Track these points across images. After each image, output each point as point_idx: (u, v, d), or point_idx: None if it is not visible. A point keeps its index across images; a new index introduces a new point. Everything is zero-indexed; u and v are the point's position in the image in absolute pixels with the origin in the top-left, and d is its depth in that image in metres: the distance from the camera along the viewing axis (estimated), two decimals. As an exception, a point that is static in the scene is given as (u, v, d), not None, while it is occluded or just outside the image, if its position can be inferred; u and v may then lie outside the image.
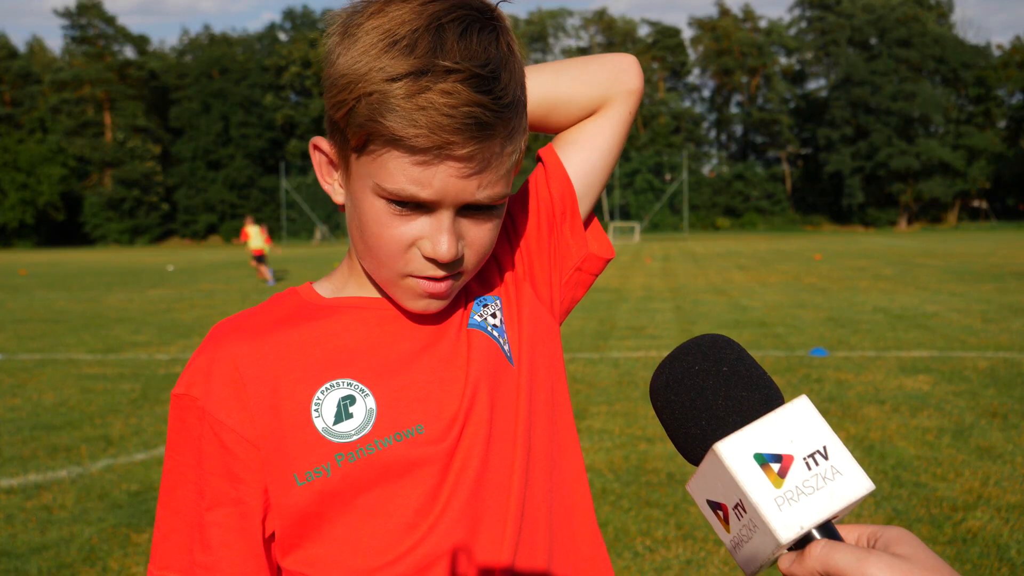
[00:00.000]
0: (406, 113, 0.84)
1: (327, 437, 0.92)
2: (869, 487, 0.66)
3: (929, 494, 4.72)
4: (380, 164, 0.88)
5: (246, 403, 0.93)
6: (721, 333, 0.79)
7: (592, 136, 1.15)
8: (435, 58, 0.84)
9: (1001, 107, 68.92)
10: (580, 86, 1.13)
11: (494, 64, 0.87)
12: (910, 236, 51.60)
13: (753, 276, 20.61)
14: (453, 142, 0.85)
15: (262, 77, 69.91)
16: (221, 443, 0.93)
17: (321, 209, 64.63)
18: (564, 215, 1.12)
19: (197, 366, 0.96)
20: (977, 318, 11.77)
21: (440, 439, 0.94)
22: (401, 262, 0.93)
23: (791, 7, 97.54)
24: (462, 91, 0.84)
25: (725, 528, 0.68)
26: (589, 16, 79.83)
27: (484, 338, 1.01)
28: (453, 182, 0.88)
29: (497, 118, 0.87)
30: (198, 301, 17.20)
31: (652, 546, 4.11)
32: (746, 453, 0.66)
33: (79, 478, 5.37)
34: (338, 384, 0.95)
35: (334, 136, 0.94)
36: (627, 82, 1.15)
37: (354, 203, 0.94)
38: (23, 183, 63.37)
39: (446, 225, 0.90)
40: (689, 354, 0.74)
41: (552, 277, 1.11)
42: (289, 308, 1.02)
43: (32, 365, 9.68)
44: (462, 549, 0.93)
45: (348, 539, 0.93)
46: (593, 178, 1.15)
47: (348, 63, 0.88)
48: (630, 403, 7.02)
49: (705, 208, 71.06)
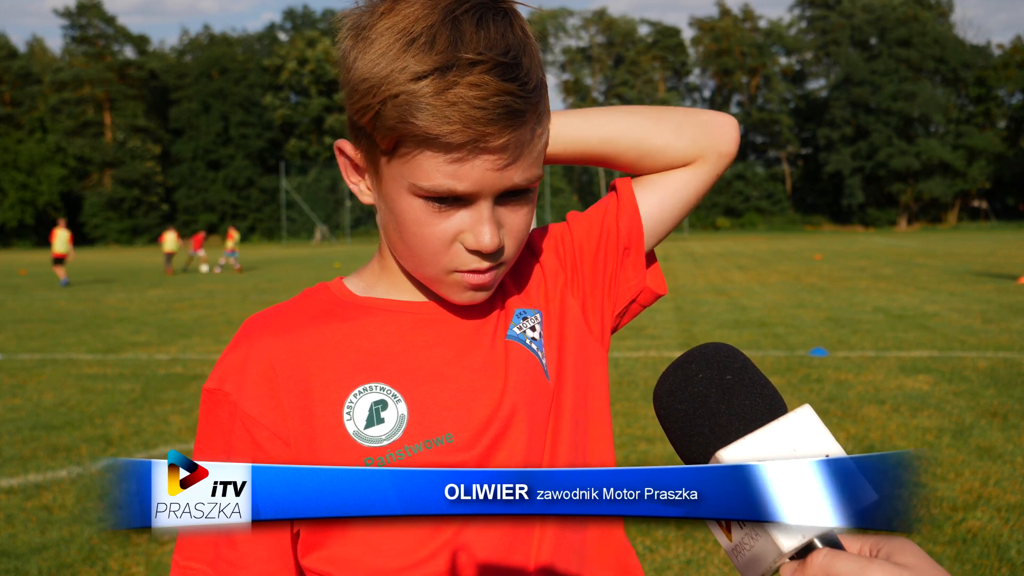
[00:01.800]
0: (437, 110, 0.84)
1: (358, 440, 0.92)
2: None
3: (929, 494, 4.72)
4: (415, 164, 0.88)
5: (280, 401, 0.93)
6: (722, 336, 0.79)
7: (674, 185, 1.14)
8: (457, 51, 0.84)
9: (1001, 107, 68.86)
10: (678, 140, 1.12)
11: (515, 50, 0.87)
12: (910, 236, 51.60)
13: (753, 276, 20.61)
14: (488, 133, 0.85)
15: (261, 77, 69.89)
16: (252, 439, 0.93)
17: (321, 209, 64.63)
18: (628, 249, 1.11)
19: (230, 361, 0.96)
20: (977, 318, 11.77)
21: (469, 446, 0.94)
22: (445, 259, 0.93)
23: (791, 7, 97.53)
24: (490, 81, 0.84)
25: (727, 536, 0.68)
26: (589, 16, 79.73)
27: (523, 351, 1.01)
28: (490, 173, 0.88)
29: (526, 104, 0.87)
30: (198, 301, 17.20)
31: (652, 546, 4.11)
32: (749, 461, 0.66)
33: (79, 478, 5.38)
34: (371, 388, 0.95)
35: (359, 141, 0.93)
36: (724, 145, 1.14)
37: (389, 206, 0.93)
38: (23, 183, 63.33)
39: (486, 216, 0.90)
40: (693, 362, 0.75)
41: (605, 305, 1.11)
42: (322, 305, 1.01)
43: (32, 365, 9.68)
44: (489, 556, 0.93)
45: (371, 539, 0.93)
46: (662, 223, 1.14)
47: (367, 66, 0.87)
48: (630, 403, 7.02)
49: (705, 208, 70.96)
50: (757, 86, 75.96)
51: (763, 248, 37.60)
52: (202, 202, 68.23)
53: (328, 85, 69.93)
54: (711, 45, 75.67)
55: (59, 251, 21.90)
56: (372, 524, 0.92)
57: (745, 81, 75.75)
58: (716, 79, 76.98)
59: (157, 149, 69.28)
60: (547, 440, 0.99)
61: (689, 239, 53.08)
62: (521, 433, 0.96)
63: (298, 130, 70.85)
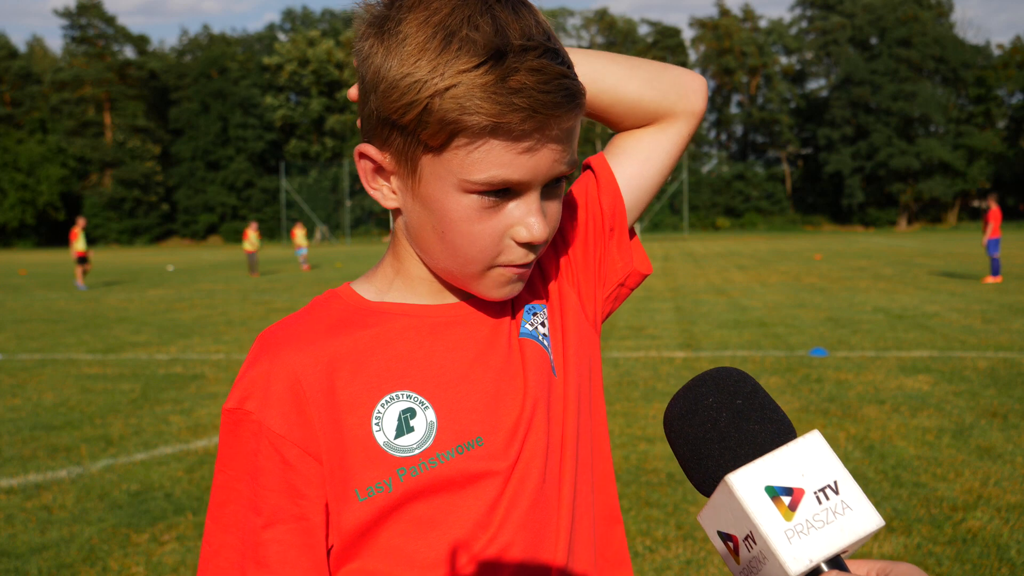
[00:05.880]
0: (502, 98, 0.82)
1: (389, 451, 0.90)
2: (879, 523, 0.67)
3: (929, 494, 4.72)
4: (473, 158, 0.85)
5: (308, 417, 0.90)
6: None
7: (647, 149, 1.12)
8: (507, 39, 0.83)
9: (1001, 107, 68.88)
10: (650, 91, 1.11)
11: (551, 35, 0.87)
12: (910, 236, 51.59)
13: (753, 276, 20.61)
14: (555, 116, 0.84)
15: (261, 77, 69.90)
16: (282, 458, 0.89)
17: (321, 209, 64.65)
18: (613, 229, 1.09)
19: (252, 379, 0.91)
20: (977, 318, 11.77)
21: (502, 452, 0.93)
22: (493, 253, 0.91)
23: (791, 7, 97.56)
24: (548, 65, 0.83)
25: (735, 559, 0.69)
26: (590, 16, 79.83)
27: (536, 348, 1.00)
28: (548, 161, 0.87)
29: (580, 86, 0.87)
30: (198, 301, 17.20)
31: (652, 546, 4.11)
32: (757, 486, 0.66)
33: (79, 478, 5.37)
34: (398, 396, 0.92)
35: (392, 141, 0.89)
36: (694, 102, 1.13)
37: (430, 206, 0.90)
38: (23, 183, 63.35)
39: (536, 207, 0.89)
40: (703, 386, 0.75)
41: (596, 290, 1.10)
42: (338, 313, 0.98)
43: (32, 365, 9.68)
44: (519, 562, 0.92)
45: (404, 551, 0.90)
46: (642, 193, 1.12)
47: (406, 63, 0.84)
48: (630, 403, 7.02)
49: (705, 208, 71.02)
50: (757, 86, 75.98)
51: (763, 248, 37.59)
52: (202, 202, 68.24)
53: (329, 85, 69.94)
54: (711, 45, 75.68)
55: (81, 249, 21.74)
56: (405, 537, 0.90)
57: (745, 81, 75.75)
58: (716, 79, 76.94)
59: (157, 149, 69.32)
60: (567, 436, 0.99)
61: (689, 239, 53.08)
62: (542, 432, 0.96)
63: (298, 130, 70.85)
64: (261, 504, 0.89)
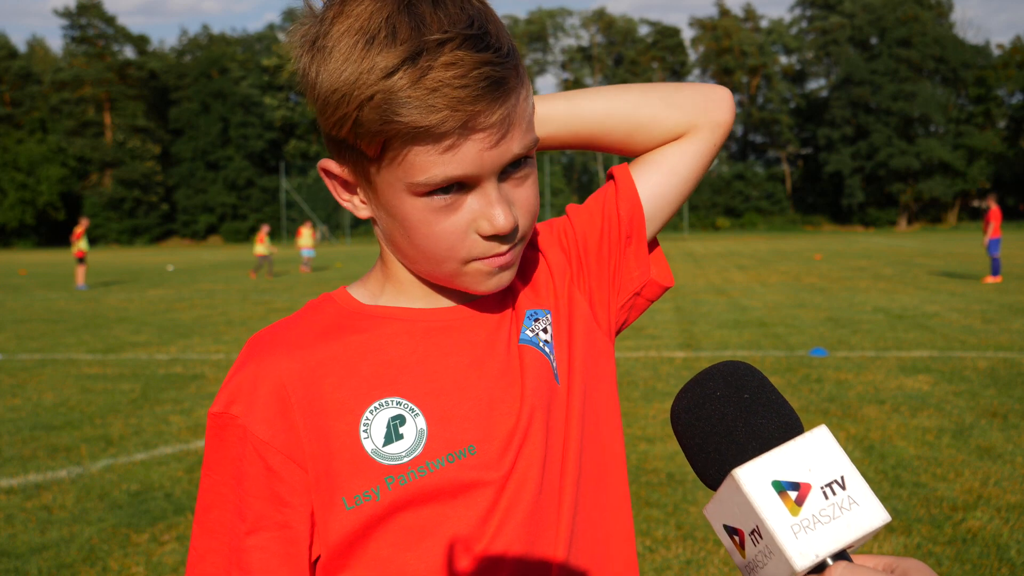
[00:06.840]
0: (420, 101, 0.79)
1: (377, 459, 0.88)
2: (885, 518, 0.67)
3: (929, 494, 4.72)
4: (407, 163, 0.83)
5: (293, 423, 0.88)
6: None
7: (671, 159, 1.09)
8: (422, 36, 0.80)
9: (1001, 107, 68.85)
10: (667, 109, 1.09)
11: (478, 20, 0.83)
12: (910, 236, 51.60)
13: (753, 276, 20.61)
14: (479, 111, 0.81)
15: (261, 77, 69.90)
16: (266, 465, 0.87)
17: (321, 209, 64.61)
18: (630, 237, 1.07)
19: (238, 383, 0.90)
20: (977, 318, 11.77)
21: (495, 461, 0.91)
22: (463, 251, 0.89)
23: (791, 7, 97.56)
24: (464, 56, 0.80)
25: (741, 553, 0.69)
26: (589, 16, 79.72)
27: (536, 355, 0.97)
28: (487, 152, 0.84)
29: (506, 69, 0.83)
30: (198, 301, 17.20)
31: (652, 546, 4.11)
32: (764, 480, 0.66)
33: (79, 478, 5.38)
34: (387, 403, 0.90)
35: (343, 156, 0.89)
36: (718, 113, 1.10)
37: (390, 212, 0.89)
38: (23, 183, 63.35)
39: (494, 197, 0.86)
40: (711, 380, 0.75)
41: (611, 299, 1.07)
42: (330, 317, 0.96)
43: (32, 365, 9.68)
44: (513, 575, 0.90)
45: (393, 562, 0.89)
46: (664, 203, 1.09)
47: (332, 76, 0.83)
48: (630, 403, 7.02)
49: (705, 208, 71.01)
50: (757, 86, 75.98)
51: (763, 248, 37.59)
52: (202, 202, 68.24)
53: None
54: (711, 45, 75.71)
55: (84, 249, 21.77)
56: (394, 547, 0.88)
57: (745, 81, 75.75)
58: (716, 79, 76.89)
59: (157, 149, 69.30)
60: (569, 447, 0.96)
61: (689, 239, 53.07)
62: (539, 441, 0.93)
63: (298, 131, 70.85)
64: (245, 510, 0.88)
